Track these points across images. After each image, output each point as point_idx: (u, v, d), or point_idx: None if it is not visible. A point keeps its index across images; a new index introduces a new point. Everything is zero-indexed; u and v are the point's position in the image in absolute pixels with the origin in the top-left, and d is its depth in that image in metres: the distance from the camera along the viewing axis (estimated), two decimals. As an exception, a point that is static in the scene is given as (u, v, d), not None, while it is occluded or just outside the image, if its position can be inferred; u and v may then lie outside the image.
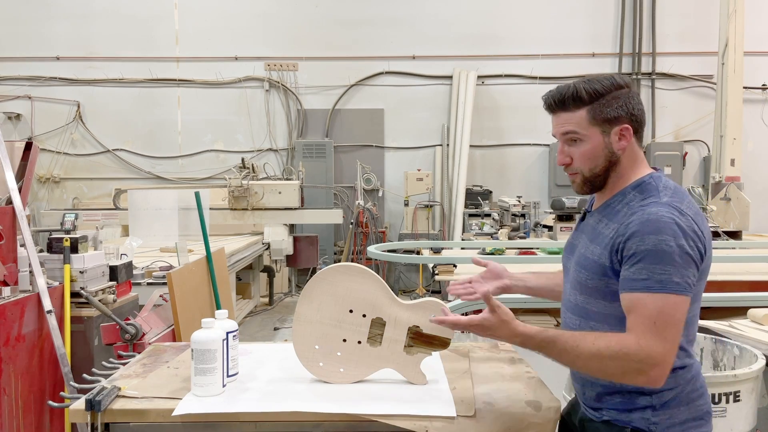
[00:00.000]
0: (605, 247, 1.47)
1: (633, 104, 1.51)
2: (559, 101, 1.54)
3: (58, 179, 9.02)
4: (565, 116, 1.53)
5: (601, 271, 1.48)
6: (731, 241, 6.33)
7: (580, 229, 1.66)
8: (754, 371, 2.00)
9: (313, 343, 1.81)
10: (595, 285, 1.50)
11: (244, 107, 9.06)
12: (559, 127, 1.55)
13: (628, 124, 1.50)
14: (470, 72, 8.70)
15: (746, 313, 2.71)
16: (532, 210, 8.13)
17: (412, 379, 1.79)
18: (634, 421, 1.46)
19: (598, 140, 1.51)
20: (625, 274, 1.41)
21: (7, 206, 2.72)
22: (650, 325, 1.34)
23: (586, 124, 1.50)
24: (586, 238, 1.58)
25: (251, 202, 7.02)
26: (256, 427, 1.58)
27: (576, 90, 1.51)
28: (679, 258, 1.36)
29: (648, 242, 1.37)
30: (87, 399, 1.57)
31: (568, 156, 1.56)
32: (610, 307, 1.48)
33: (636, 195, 1.50)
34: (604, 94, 1.50)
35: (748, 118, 8.38)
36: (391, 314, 1.81)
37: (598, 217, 1.57)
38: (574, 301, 1.57)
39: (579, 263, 1.56)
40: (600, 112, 1.49)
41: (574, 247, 1.63)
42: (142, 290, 3.60)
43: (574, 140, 1.53)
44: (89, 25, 8.93)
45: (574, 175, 1.57)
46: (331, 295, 1.82)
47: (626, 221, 1.43)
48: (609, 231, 1.48)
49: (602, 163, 1.52)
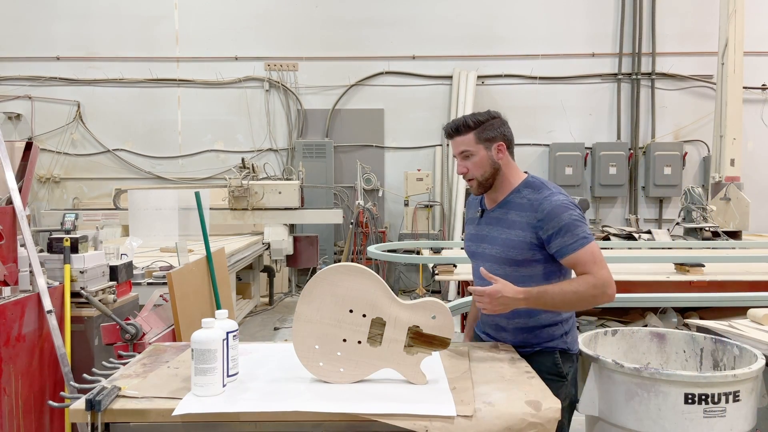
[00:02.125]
0: (526, 229, 2.06)
1: (504, 129, 2.14)
2: (455, 129, 2.12)
3: (59, 179, 9.03)
4: (460, 139, 2.11)
5: (528, 246, 2.07)
6: (731, 241, 6.33)
7: (484, 223, 2.21)
8: (754, 371, 2.00)
9: (313, 343, 1.81)
10: (525, 257, 2.08)
11: (244, 107, 9.06)
12: (456, 148, 2.14)
13: (503, 142, 2.12)
14: (470, 72, 8.70)
15: (746, 313, 2.71)
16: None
17: (412, 379, 1.79)
18: (558, 345, 2.14)
19: (483, 154, 2.11)
20: (559, 243, 2.01)
21: (7, 206, 2.72)
22: (594, 263, 1.99)
23: (474, 143, 2.10)
24: (500, 227, 2.14)
25: (251, 202, 7.02)
26: (256, 427, 1.58)
27: (465, 120, 2.11)
28: (582, 221, 2.04)
29: (564, 218, 2.00)
30: (87, 399, 1.57)
31: (465, 167, 2.13)
32: (536, 269, 2.09)
33: (530, 191, 2.12)
34: (483, 122, 2.10)
35: (747, 118, 8.38)
36: (391, 314, 1.82)
37: (502, 211, 2.15)
38: (501, 273, 2.06)
39: (506, 245, 2.10)
40: (482, 134, 2.10)
41: (484, 237, 2.19)
42: (142, 290, 3.59)
43: (468, 156, 2.11)
44: (89, 25, 8.93)
45: (471, 180, 2.15)
46: (331, 295, 1.82)
47: (539, 209, 2.04)
48: (523, 218, 2.08)
49: (489, 170, 2.12)
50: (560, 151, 8.86)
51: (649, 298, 4.04)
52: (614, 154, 8.78)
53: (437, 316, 1.83)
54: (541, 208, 2.03)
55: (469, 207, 2.37)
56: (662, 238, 6.58)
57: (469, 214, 2.35)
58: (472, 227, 2.29)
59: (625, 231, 6.85)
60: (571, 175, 8.82)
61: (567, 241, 1.99)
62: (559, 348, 2.13)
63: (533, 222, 2.04)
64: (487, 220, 2.20)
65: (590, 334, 2.42)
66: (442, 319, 1.83)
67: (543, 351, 2.12)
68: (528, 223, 2.06)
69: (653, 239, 6.39)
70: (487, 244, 2.17)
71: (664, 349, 2.47)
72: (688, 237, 6.58)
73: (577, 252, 1.99)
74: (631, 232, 6.76)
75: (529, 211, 2.07)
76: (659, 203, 9.18)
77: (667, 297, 4.04)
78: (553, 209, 2.01)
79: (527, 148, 9.07)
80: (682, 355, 2.44)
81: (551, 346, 2.13)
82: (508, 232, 2.10)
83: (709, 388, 1.94)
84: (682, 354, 2.43)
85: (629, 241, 6.17)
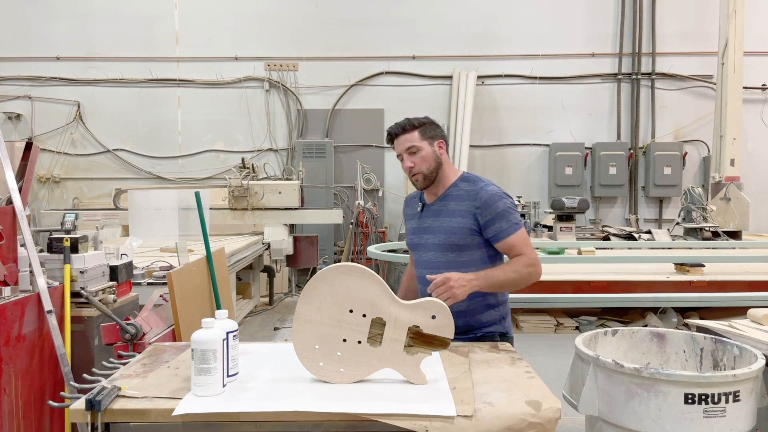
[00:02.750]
0: (466, 216, 2.29)
1: (442, 131, 2.40)
2: (401, 128, 2.32)
3: (59, 179, 9.03)
4: (405, 137, 2.32)
5: (468, 231, 2.28)
6: (731, 241, 6.33)
7: (426, 216, 2.40)
8: (754, 371, 2.00)
9: (313, 343, 1.81)
10: (465, 242, 2.29)
11: (244, 107, 9.06)
12: (402, 146, 2.33)
13: (443, 140, 2.37)
14: (470, 72, 8.70)
15: (746, 313, 2.71)
16: (532, 210, 8.14)
17: (412, 379, 1.79)
18: (498, 330, 2.36)
19: (428, 149, 2.32)
20: (496, 228, 2.26)
21: (7, 206, 2.72)
22: (526, 246, 2.26)
23: (419, 139, 2.31)
24: (441, 217, 2.34)
25: (251, 202, 7.02)
26: (256, 427, 1.58)
27: (410, 121, 2.33)
28: (514, 209, 2.30)
29: (500, 206, 2.26)
30: (87, 399, 1.57)
31: (412, 162, 2.31)
32: (476, 254, 2.30)
33: (467, 184, 2.35)
34: (425, 123, 2.34)
35: (747, 118, 8.38)
36: (391, 314, 1.82)
37: (442, 203, 2.36)
38: (444, 259, 2.30)
39: (448, 232, 2.30)
40: (426, 132, 2.32)
41: (427, 229, 2.38)
42: (142, 290, 3.59)
43: (414, 152, 2.31)
44: (89, 25, 8.93)
45: (417, 174, 2.33)
46: (331, 295, 1.82)
47: (476, 197, 2.28)
48: (462, 207, 2.30)
49: (434, 164, 2.33)
50: (560, 151, 8.86)
51: (649, 298, 4.04)
52: (614, 154, 8.78)
53: (437, 316, 1.83)
54: (478, 197, 2.28)
55: (409, 205, 2.58)
56: (662, 238, 6.58)
57: (409, 211, 2.56)
58: (414, 222, 2.48)
59: (625, 231, 6.86)
60: (571, 175, 8.82)
61: (503, 226, 2.25)
62: (498, 332, 2.34)
63: (472, 209, 2.28)
64: (429, 214, 2.40)
65: (590, 334, 2.42)
66: (442, 319, 1.83)
67: (484, 336, 2.32)
68: (467, 211, 2.28)
69: (653, 239, 6.39)
70: (429, 235, 2.36)
71: (664, 349, 2.47)
72: (688, 237, 6.58)
73: (512, 236, 2.25)
74: (631, 232, 6.76)
75: (467, 200, 2.30)
76: (659, 203, 9.18)
77: (667, 297, 4.04)
78: (489, 197, 2.26)
79: (527, 148, 9.08)
80: (682, 355, 2.44)
81: (491, 330, 2.34)
82: (449, 220, 2.31)
83: (709, 388, 1.94)
84: (682, 354, 2.43)
85: (629, 241, 6.17)
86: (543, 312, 4.23)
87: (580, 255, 4.86)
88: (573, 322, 4.19)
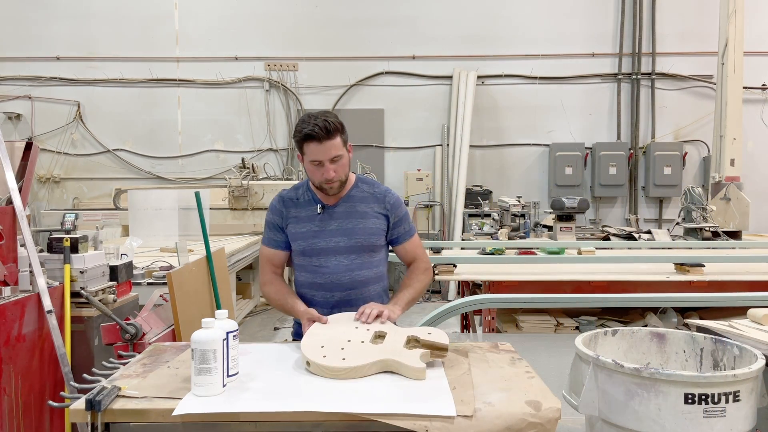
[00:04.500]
0: (379, 217, 2.35)
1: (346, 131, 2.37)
2: (327, 131, 2.15)
3: (58, 179, 9.03)
4: (331, 143, 2.17)
5: (382, 232, 2.37)
6: (731, 241, 6.32)
7: (327, 218, 2.33)
8: (754, 371, 2.00)
9: (318, 343, 1.92)
10: (380, 242, 2.37)
11: (244, 107, 9.06)
12: (328, 153, 2.18)
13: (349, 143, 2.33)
14: (470, 72, 8.70)
15: (746, 313, 2.71)
16: (531, 210, 8.13)
17: (412, 373, 1.79)
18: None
19: (347, 156, 2.27)
20: (400, 230, 2.41)
21: (7, 206, 2.72)
22: (422, 249, 2.47)
23: (341, 146, 2.22)
24: (353, 219, 2.32)
25: (251, 202, 7.02)
26: (256, 427, 1.58)
27: (332, 123, 2.16)
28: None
29: (403, 209, 2.43)
30: (87, 399, 1.56)
31: (334, 171, 2.21)
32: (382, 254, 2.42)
33: (367, 185, 2.41)
34: (342, 125, 2.24)
35: (747, 118, 8.38)
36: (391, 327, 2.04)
37: (348, 205, 2.34)
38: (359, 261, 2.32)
39: (366, 233, 2.32)
40: (344, 136, 2.24)
41: (335, 231, 2.32)
42: (142, 290, 3.59)
43: (337, 159, 2.21)
44: (89, 25, 8.93)
45: (335, 183, 2.25)
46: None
47: (385, 200, 2.37)
48: (373, 208, 2.35)
49: (348, 170, 2.32)
50: (560, 151, 8.85)
51: (649, 298, 4.03)
52: (614, 154, 8.78)
53: (432, 333, 1.97)
54: (387, 200, 2.38)
55: (296, 206, 2.37)
56: (662, 238, 6.57)
57: (300, 213, 2.36)
58: (312, 225, 2.33)
59: (625, 231, 6.85)
60: (571, 175, 8.81)
61: (406, 228, 2.42)
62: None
63: (383, 211, 2.37)
64: (332, 216, 2.34)
65: (590, 334, 2.42)
66: (438, 336, 1.96)
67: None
68: (380, 213, 2.36)
69: (653, 239, 6.39)
70: (339, 237, 2.32)
71: (664, 349, 2.47)
72: (688, 237, 6.58)
73: (412, 238, 2.44)
74: (631, 232, 6.75)
75: (374, 202, 2.37)
76: (659, 203, 9.18)
77: (667, 297, 4.03)
78: (396, 200, 2.40)
79: (527, 148, 9.08)
80: (682, 355, 2.43)
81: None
82: (364, 222, 2.34)
83: (709, 388, 1.94)
84: (682, 354, 2.43)
85: (629, 241, 6.17)
86: (543, 312, 4.23)
87: (580, 255, 4.86)
88: (573, 322, 4.19)
